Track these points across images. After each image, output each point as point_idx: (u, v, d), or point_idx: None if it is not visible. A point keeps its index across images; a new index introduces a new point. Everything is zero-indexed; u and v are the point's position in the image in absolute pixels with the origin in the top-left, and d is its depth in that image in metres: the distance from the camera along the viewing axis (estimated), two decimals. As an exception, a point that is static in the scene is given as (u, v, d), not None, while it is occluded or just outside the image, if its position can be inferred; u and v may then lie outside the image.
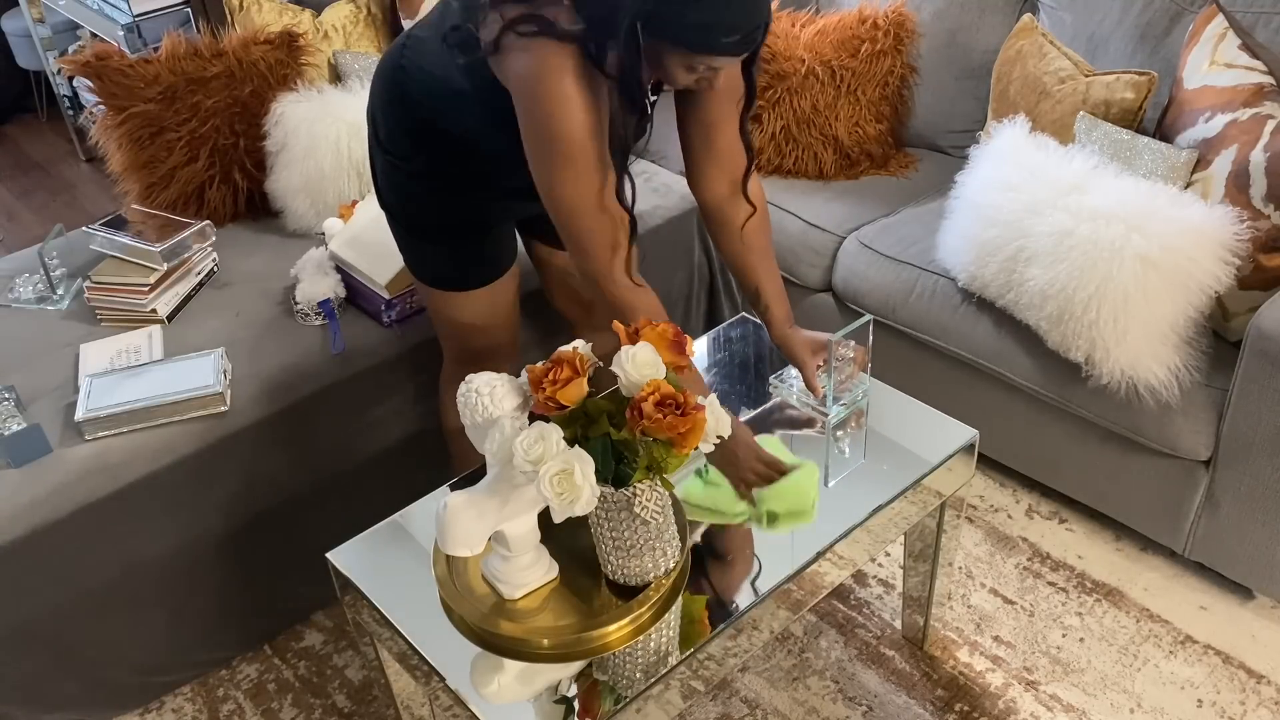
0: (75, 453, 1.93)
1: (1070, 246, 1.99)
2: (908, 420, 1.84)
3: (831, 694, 2.02)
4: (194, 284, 2.32)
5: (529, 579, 1.53)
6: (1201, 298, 1.97)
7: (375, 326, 2.22)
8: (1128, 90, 2.20)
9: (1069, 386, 2.13)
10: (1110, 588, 2.19)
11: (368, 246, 2.22)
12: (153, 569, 1.99)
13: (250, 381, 2.08)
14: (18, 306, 2.31)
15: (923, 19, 2.70)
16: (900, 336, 2.42)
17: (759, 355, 2.01)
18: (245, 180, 2.53)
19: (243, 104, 2.48)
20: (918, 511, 1.77)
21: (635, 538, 1.46)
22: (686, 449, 1.38)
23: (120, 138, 2.42)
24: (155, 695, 2.09)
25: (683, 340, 1.45)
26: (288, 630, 2.23)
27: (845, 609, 2.18)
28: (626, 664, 1.46)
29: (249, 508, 2.08)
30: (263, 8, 2.64)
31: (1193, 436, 2.02)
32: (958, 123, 2.73)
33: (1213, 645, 2.06)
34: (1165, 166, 2.07)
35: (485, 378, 1.46)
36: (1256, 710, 1.94)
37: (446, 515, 1.43)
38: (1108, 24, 2.41)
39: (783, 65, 2.69)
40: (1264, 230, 1.95)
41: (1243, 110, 2.00)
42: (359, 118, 2.43)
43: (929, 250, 2.36)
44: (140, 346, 2.15)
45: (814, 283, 2.58)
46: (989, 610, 2.16)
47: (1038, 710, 1.97)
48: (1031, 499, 2.41)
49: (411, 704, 1.83)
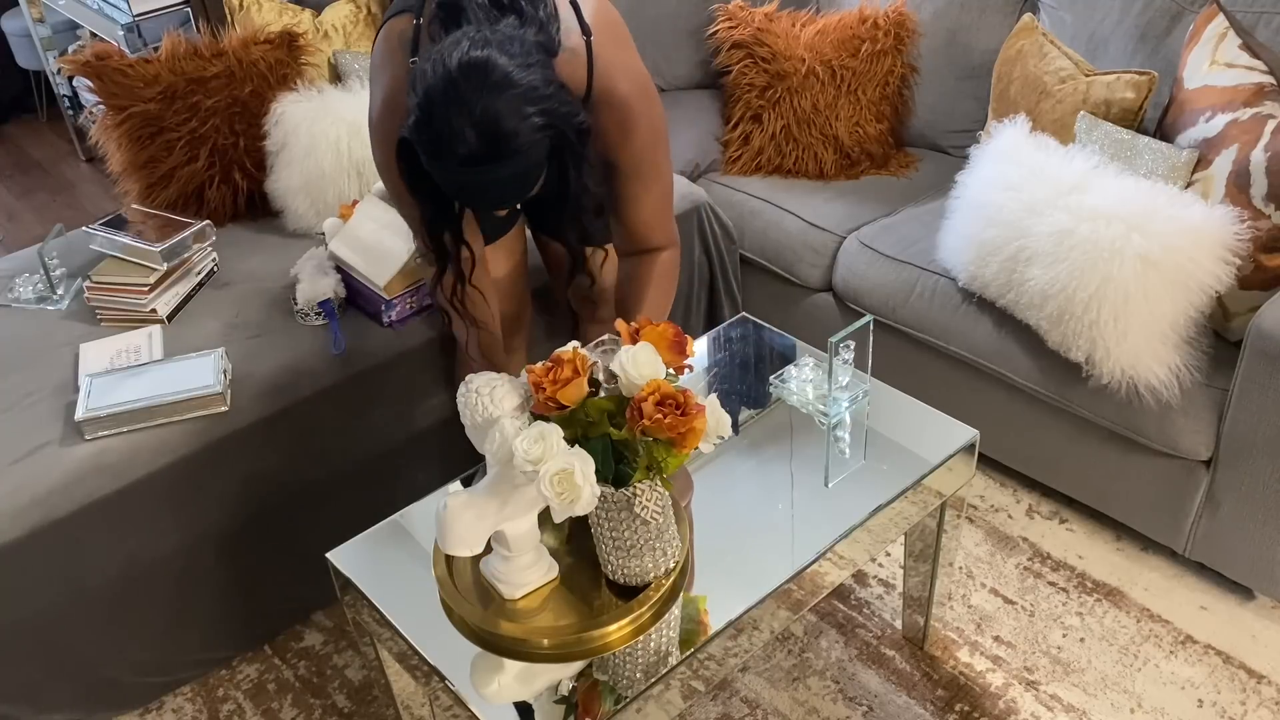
0: (75, 453, 1.93)
1: (1071, 246, 1.99)
2: (908, 420, 1.84)
3: (832, 694, 2.02)
4: (194, 284, 2.32)
5: (529, 579, 1.53)
6: (1202, 298, 1.97)
7: (375, 326, 2.22)
8: (1128, 90, 2.20)
9: (1069, 386, 2.13)
10: (1110, 588, 2.19)
11: (368, 246, 2.22)
12: (153, 569, 1.99)
13: (250, 381, 2.08)
14: (18, 306, 2.31)
15: (923, 19, 2.70)
16: (900, 336, 2.42)
17: (759, 355, 2.01)
18: (245, 180, 2.53)
19: (243, 104, 2.48)
20: (918, 511, 1.77)
21: (635, 538, 1.46)
22: (686, 449, 1.38)
23: (120, 137, 2.42)
24: (155, 695, 2.09)
25: (683, 340, 1.45)
26: (288, 630, 2.23)
27: (845, 609, 2.18)
28: (626, 664, 1.46)
29: (249, 508, 2.07)
30: (263, 8, 2.64)
31: (1193, 436, 2.02)
32: (958, 122, 2.73)
33: (1213, 645, 2.06)
34: (1166, 166, 2.07)
35: (485, 377, 1.46)
36: (1257, 710, 1.94)
37: (446, 515, 1.43)
38: (1108, 24, 2.41)
39: (783, 65, 2.69)
40: (1264, 230, 1.95)
41: (1243, 110, 2.00)
42: (359, 117, 2.44)
43: (929, 250, 2.36)
44: (140, 346, 2.15)
45: (814, 283, 2.58)
46: (989, 610, 2.16)
47: (1038, 710, 1.97)
48: (1032, 499, 2.41)
49: (411, 704, 1.83)
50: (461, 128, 1.39)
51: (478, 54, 1.39)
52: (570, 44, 1.59)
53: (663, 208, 1.83)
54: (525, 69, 1.41)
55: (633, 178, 1.74)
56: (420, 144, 1.44)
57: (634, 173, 1.73)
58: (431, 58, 1.42)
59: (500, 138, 1.40)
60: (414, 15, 1.60)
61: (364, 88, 2.54)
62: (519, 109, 1.40)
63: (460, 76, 1.38)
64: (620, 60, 1.66)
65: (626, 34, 1.70)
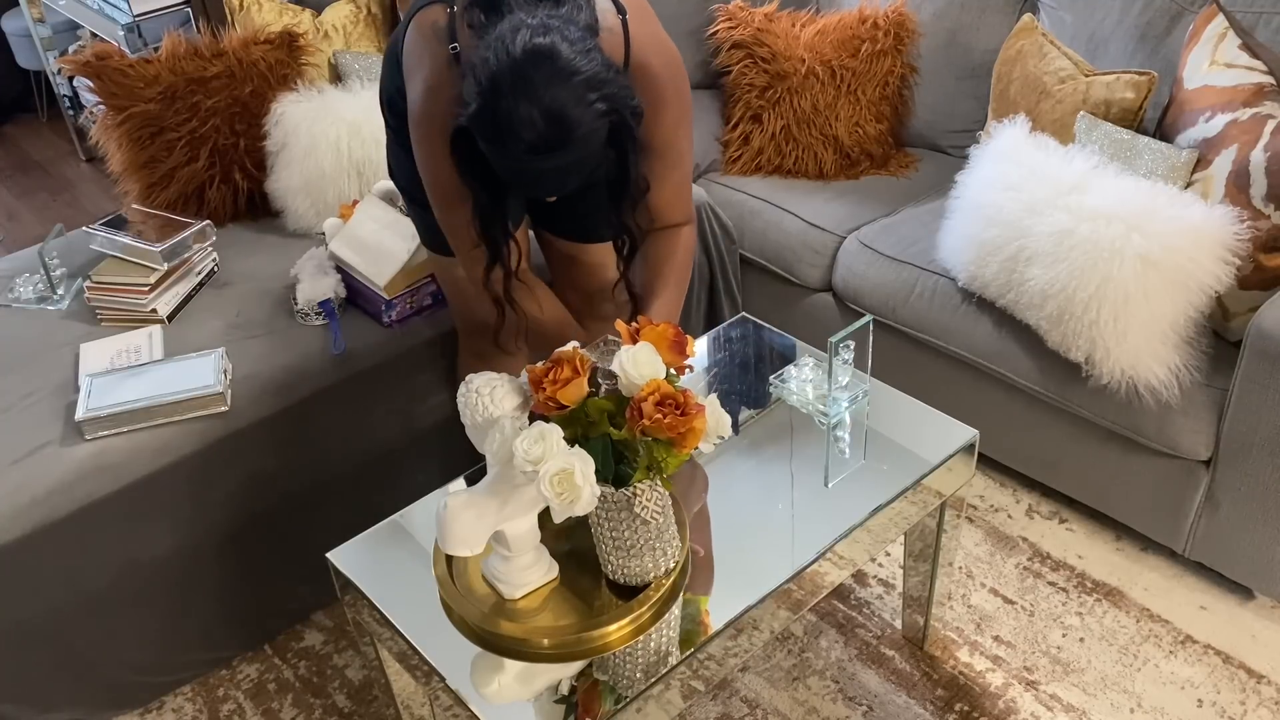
0: (75, 453, 1.93)
1: (1070, 246, 1.99)
2: (908, 420, 1.84)
3: (831, 694, 2.02)
4: (194, 284, 2.32)
5: (529, 579, 1.53)
6: (1202, 297, 1.97)
7: (375, 326, 2.22)
8: (1128, 90, 2.20)
9: (1069, 386, 2.13)
10: (1110, 587, 2.19)
11: (368, 246, 2.22)
12: (153, 569, 1.99)
13: (250, 381, 2.08)
14: (18, 306, 2.31)
15: (923, 19, 2.70)
16: (900, 336, 2.42)
17: (759, 355, 2.01)
18: (245, 180, 2.53)
19: (243, 104, 2.48)
20: (918, 511, 1.77)
21: (635, 538, 1.46)
22: (686, 449, 1.38)
23: (120, 138, 2.42)
24: (155, 695, 2.09)
25: (683, 340, 1.45)
26: (288, 630, 2.23)
27: (845, 609, 2.18)
28: (627, 664, 1.46)
29: (249, 508, 2.08)
30: (263, 8, 2.64)
31: (1193, 436, 2.02)
32: (958, 122, 2.73)
33: (1213, 645, 2.06)
34: (1165, 166, 2.07)
35: (485, 377, 1.47)
36: (1256, 710, 1.94)
37: (446, 515, 1.43)
38: (1108, 24, 2.41)
39: (783, 65, 2.69)
40: (1264, 230, 1.95)
41: (1243, 110, 2.00)
42: (359, 117, 2.44)
43: (929, 250, 2.36)
44: (140, 346, 2.15)
45: (814, 283, 2.58)
46: (989, 610, 2.16)
47: (1038, 710, 1.97)
48: (1031, 499, 2.41)
49: (411, 704, 1.83)
50: (529, 115, 1.40)
51: (541, 41, 1.41)
52: (607, 23, 1.60)
53: (685, 186, 1.83)
54: (585, 55, 1.43)
55: (661, 155, 1.72)
56: (483, 131, 1.44)
57: (663, 150, 1.72)
58: (493, 45, 1.42)
59: (567, 124, 1.41)
60: (447, 4, 1.60)
61: (364, 88, 2.54)
62: (583, 95, 1.42)
63: (528, 63, 1.40)
64: (654, 38, 1.67)
65: (653, 12, 1.71)
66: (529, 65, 1.40)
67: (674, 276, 1.85)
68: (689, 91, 1.75)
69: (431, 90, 1.63)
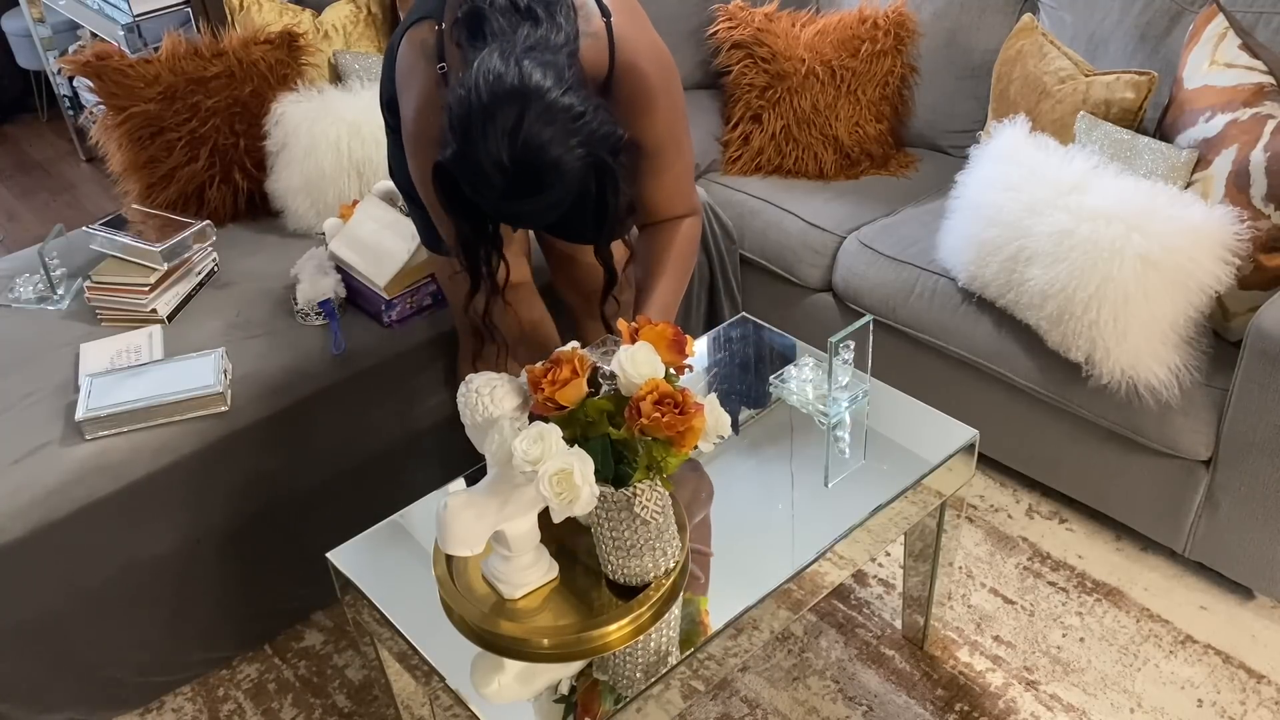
0: (75, 453, 1.93)
1: (1070, 246, 1.99)
2: (908, 420, 1.84)
3: (831, 694, 2.02)
4: (194, 284, 2.32)
5: (529, 579, 1.53)
6: (1202, 298, 1.97)
7: (375, 326, 2.22)
8: (1128, 90, 2.20)
9: (1069, 386, 2.13)
10: (1110, 587, 2.19)
11: (368, 246, 2.22)
12: (153, 569, 1.99)
13: (250, 381, 2.08)
14: (18, 306, 2.31)
15: (923, 19, 2.70)
16: (900, 336, 2.42)
17: (759, 355, 2.01)
18: (245, 180, 2.53)
19: (243, 104, 2.48)
20: (918, 511, 1.77)
21: (635, 538, 1.46)
22: (685, 448, 1.38)
23: (120, 138, 2.42)
24: (155, 695, 2.10)
25: (682, 340, 1.45)
26: (288, 630, 2.23)
27: (845, 609, 2.18)
28: (627, 664, 1.46)
29: (249, 508, 2.08)
30: (263, 8, 2.64)
31: (1193, 436, 2.02)
32: (958, 123, 2.73)
33: (1213, 645, 2.06)
34: (1165, 166, 2.07)
35: (485, 377, 1.47)
36: (1256, 710, 1.94)
37: (446, 515, 1.43)
38: (1108, 24, 2.41)
39: (783, 65, 2.69)
40: (1264, 230, 1.95)
41: (1243, 110, 2.00)
42: (359, 117, 2.44)
43: (929, 250, 2.36)
44: (140, 346, 2.15)
45: (814, 283, 2.58)
46: (989, 610, 2.16)
47: (1038, 710, 1.97)
48: (1031, 499, 2.41)
49: (411, 704, 1.83)
50: (500, 160, 1.37)
51: (514, 83, 1.36)
52: (591, 29, 1.58)
53: (685, 180, 1.81)
54: (561, 87, 1.38)
55: (656, 154, 1.72)
56: (459, 174, 1.42)
57: (658, 149, 1.71)
58: (468, 84, 1.38)
59: (539, 169, 1.38)
60: (435, 21, 1.59)
61: (364, 88, 2.54)
62: (557, 137, 1.38)
63: (496, 107, 1.36)
64: (640, 38, 1.65)
65: (642, 11, 1.69)
66: (498, 108, 1.36)
67: (672, 266, 1.83)
68: (680, 87, 1.72)
69: (421, 111, 1.62)
